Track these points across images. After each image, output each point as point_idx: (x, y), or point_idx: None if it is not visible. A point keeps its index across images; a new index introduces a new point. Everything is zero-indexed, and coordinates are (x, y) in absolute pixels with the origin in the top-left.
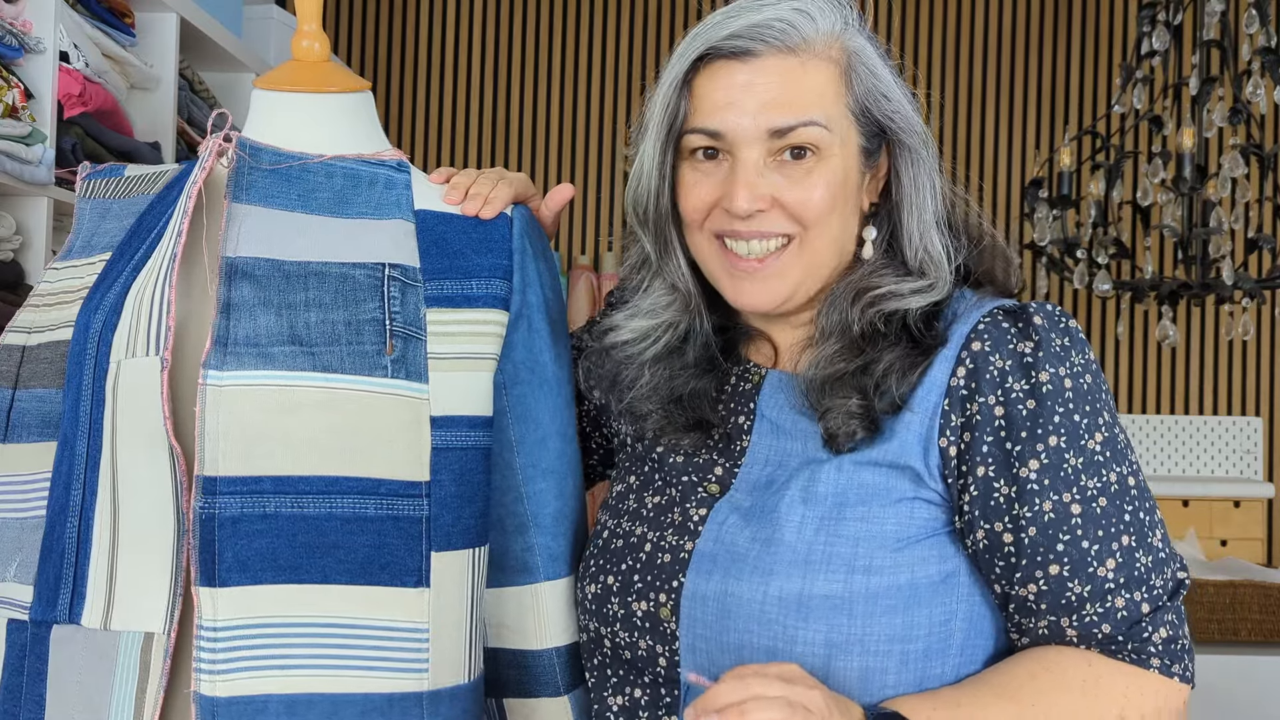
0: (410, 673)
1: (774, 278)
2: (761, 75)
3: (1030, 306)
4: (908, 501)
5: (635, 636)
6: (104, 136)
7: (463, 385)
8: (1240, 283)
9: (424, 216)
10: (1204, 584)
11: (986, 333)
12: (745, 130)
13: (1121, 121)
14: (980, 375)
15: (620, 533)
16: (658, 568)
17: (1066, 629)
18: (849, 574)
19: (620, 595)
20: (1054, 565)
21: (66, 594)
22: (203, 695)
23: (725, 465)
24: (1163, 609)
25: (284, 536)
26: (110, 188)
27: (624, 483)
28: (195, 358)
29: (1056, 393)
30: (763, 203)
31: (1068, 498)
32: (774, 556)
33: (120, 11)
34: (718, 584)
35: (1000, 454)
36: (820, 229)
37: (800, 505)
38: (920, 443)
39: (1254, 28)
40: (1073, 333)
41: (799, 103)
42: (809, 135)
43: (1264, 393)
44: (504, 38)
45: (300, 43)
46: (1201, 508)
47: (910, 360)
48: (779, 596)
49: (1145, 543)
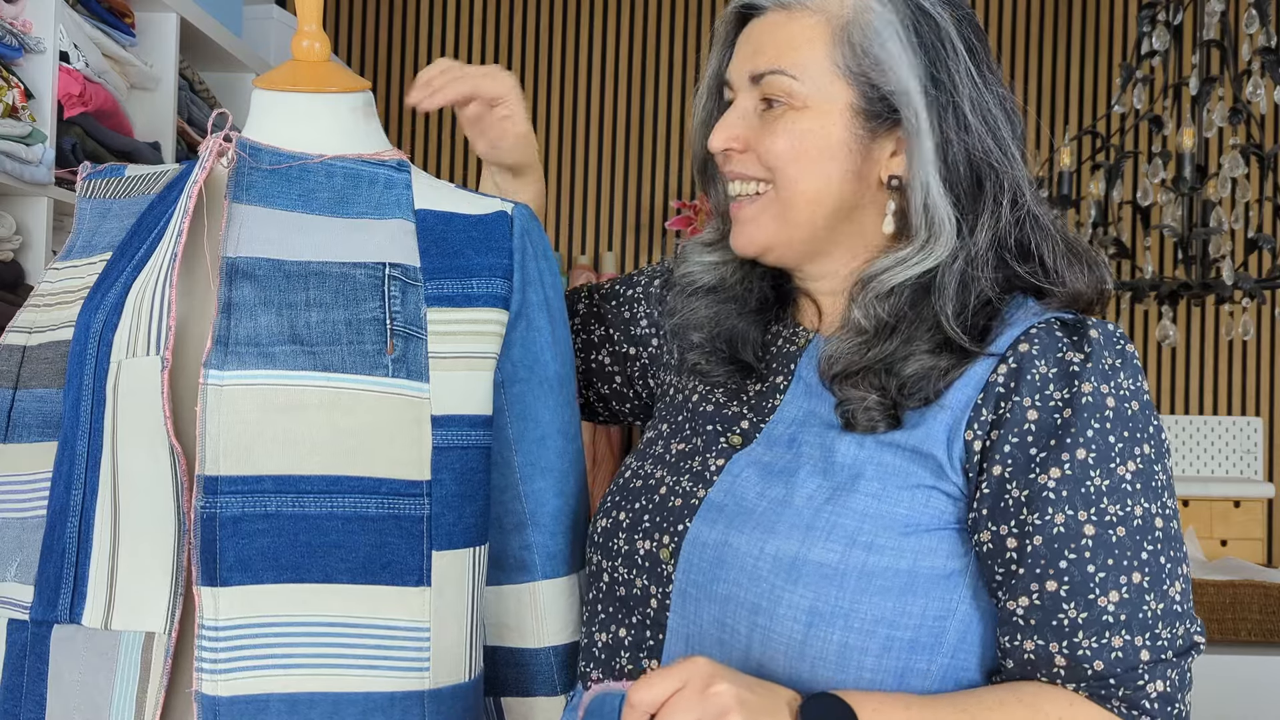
0: (411, 672)
1: (749, 223)
2: (760, 27)
3: (1089, 321)
4: (925, 489)
5: (633, 574)
6: (104, 136)
7: (463, 384)
8: (1240, 283)
9: (424, 216)
10: (1204, 584)
11: (1038, 337)
12: (735, 78)
13: (1121, 121)
14: (1021, 376)
15: (641, 474)
16: (668, 510)
17: (1055, 655)
18: (848, 547)
19: (628, 532)
20: (1051, 581)
21: (67, 594)
22: (204, 695)
23: (752, 419)
24: (1165, 663)
25: (285, 536)
26: (111, 188)
27: (655, 429)
28: (196, 358)
29: (1096, 407)
30: (736, 143)
31: (1083, 516)
32: (780, 517)
33: (120, 11)
34: (719, 533)
35: (1022, 456)
36: (788, 180)
37: (819, 475)
38: (946, 432)
39: (1254, 28)
40: (1128, 355)
41: (775, 52)
42: (778, 84)
43: (1264, 393)
44: (504, 38)
45: (300, 43)
46: (1201, 508)
47: (943, 368)
48: (774, 555)
49: (1159, 588)
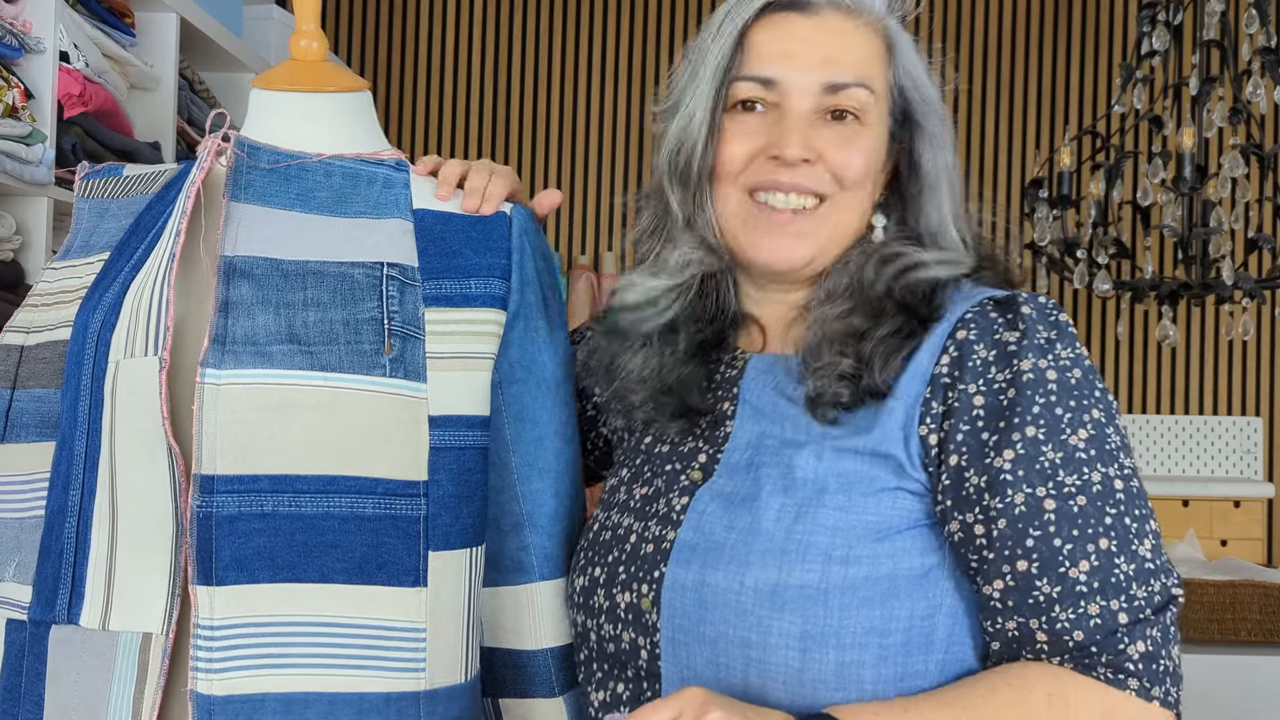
0: (407, 672)
1: (801, 236)
2: (820, 32)
3: (1020, 296)
4: (890, 491)
5: (619, 629)
6: (104, 136)
7: (461, 385)
8: (1240, 283)
9: (422, 216)
10: (1204, 584)
11: (974, 321)
12: (801, 81)
13: (1121, 121)
14: (963, 363)
15: (609, 525)
16: (641, 558)
17: (1036, 632)
18: (826, 564)
19: (605, 587)
20: (1021, 561)
21: (65, 594)
22: (199, 694)
23: (709, 452)
24: (1144, 622)
25: (281, 535)
26: (109, 187)
27: (616, 476)
28: (194, 357)
29: (1038, 383)
30: (810, 153)
31: (1041, 492)
32: (751, 546)
33: (120, 11)
34: (696, 573)
35: (975, 443)
36: (853, 195)
37: (780, 494)
38: (901, 430)
39: (1254, 28)
40: (1062, 325)
41: (854, 63)
42: (858, 97)
43: (1264, 393)
44: (504, 38)
45: (298, 42)
46: (1201, 508)
47: (899, 342)
48: (754, 587)
49: (1128, 549)
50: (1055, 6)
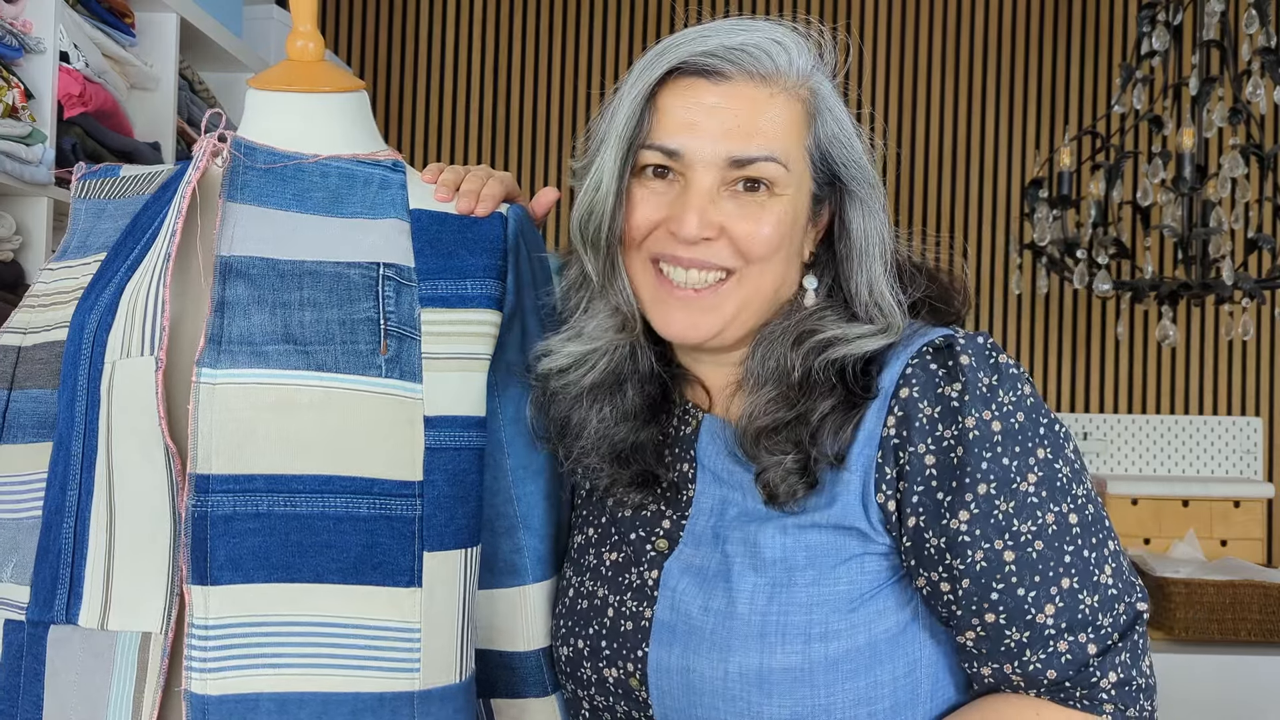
0: (401, 672)
1: (708, 311)
2: (730, 100)
3: (958, 344)
4: (857, 558)
5: (612, 700)
6: (104, 136)
7: (456, 385)
8: (1240, 283)
9: (419, 216)
10: (1204, 584)
11: (915, 377)
12: (704, 154)
13: (1121, 121)
14: (910, 423)
15: (584, 593)
16: (622, 635)
17: (1011, 674)
18: (806, 644)
19: (591, 660)
20: (990, 614)
21: (63, 594)
22: (194, 693)
23: (672, 517)
24: (1113, 649)
25: (276, 535)
26: (105, 188)
27: (583, 534)
28: (190, 357)
29: (984, 438)
30: (710, 230)
31: (1000, 545)
32: (730, 630)
33: (120, 11)
34: (679, 658)
35: (931, 504)
36: (762, 267)
37: (751, 573)
38: (859, 501)
39: (1254, 28)
40: (1002, 369)
41: (763, 135)
42: (767, 170)
43: (1264, 393)
44: (504, 38)
45: (295, 42)
46: (1201, 508)
47: (844, 414)
48: (739, 673)
49: (1090, 582)
50: (1055, 6)
